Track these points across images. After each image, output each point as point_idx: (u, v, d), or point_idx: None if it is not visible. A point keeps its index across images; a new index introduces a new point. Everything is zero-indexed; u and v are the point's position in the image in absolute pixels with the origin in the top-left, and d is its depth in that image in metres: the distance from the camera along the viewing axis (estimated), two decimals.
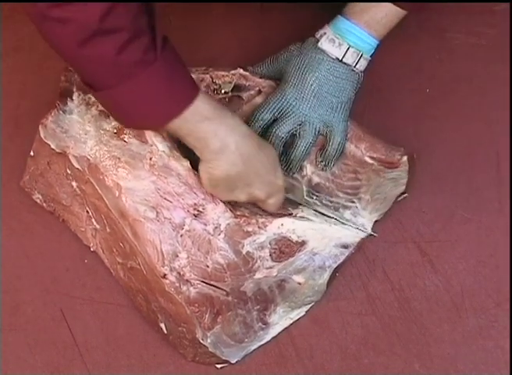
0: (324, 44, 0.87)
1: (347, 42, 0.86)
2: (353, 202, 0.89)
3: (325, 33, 0.87)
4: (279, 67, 0.91)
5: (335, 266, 0.86)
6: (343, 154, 0.89)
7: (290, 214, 0.85)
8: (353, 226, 0.88)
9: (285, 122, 0.88)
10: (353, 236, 0.86)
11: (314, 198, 0.90)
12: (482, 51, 0.99)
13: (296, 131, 0.88)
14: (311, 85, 0.87)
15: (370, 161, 0.89)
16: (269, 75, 0.92)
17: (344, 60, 0.86)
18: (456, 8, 1.00)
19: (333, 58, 0.86)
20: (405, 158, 0.89)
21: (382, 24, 0.86)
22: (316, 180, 0.90)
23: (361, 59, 0.87)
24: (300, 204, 0.88)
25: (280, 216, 0.84)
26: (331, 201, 0.89)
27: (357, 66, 0.87)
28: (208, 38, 1.00)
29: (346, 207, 0.89)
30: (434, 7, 0.98)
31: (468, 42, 0.99)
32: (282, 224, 0.84)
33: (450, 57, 0.99)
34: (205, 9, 1.00)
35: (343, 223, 0.87)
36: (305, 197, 0.90)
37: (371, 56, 0.88)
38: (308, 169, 0.90)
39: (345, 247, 0.86)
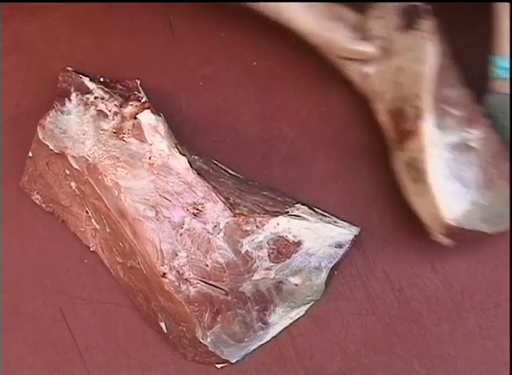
0: None
1: None
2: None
3: None
4: None
5: (331, 265, 0.86)
6: None
7: (286, 212, 0.85)
8: (346, 224, 0.87)
9: None
10: (346, 234, 0.86)
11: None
12: (482, 51, 0.99)
13: None
14: None
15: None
16: None
17: None
18: (456, 7, 1.00)
19: None
20: None
21: None
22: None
23: None
24: (297, 203, 0.88)
25: (276, 215, 0.85)
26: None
27: None
28: (208, 38, 1.00)
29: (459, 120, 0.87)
30: None
31: (468, 42, 0.99)
32: (278, 223, 0.84)
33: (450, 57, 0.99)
34: (205, 9, 1.00)
35: (335, 222, 0.87)
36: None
37: None
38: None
39: (339, 246, 0.86)
